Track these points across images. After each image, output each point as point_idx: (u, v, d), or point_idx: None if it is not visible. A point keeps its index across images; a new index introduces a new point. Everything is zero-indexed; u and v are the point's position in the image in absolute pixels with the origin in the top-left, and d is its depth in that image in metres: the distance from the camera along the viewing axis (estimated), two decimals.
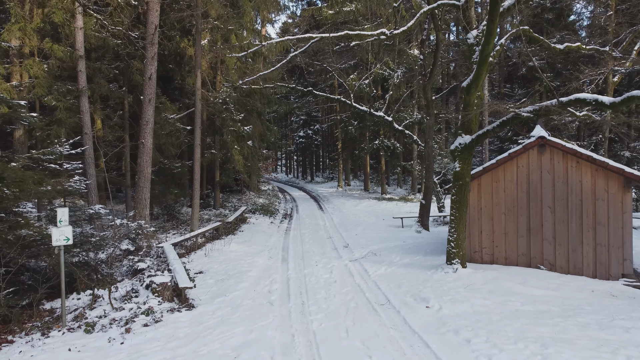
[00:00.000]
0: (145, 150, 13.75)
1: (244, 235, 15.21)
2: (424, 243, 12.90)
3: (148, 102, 13.76)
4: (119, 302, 7.78)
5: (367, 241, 13.50)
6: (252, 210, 20.49)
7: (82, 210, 9.39)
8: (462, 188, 9.22)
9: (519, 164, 9.86)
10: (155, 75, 13.94)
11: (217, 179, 19.94)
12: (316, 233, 15.54)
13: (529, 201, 9.75)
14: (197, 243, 13.34)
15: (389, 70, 23.39)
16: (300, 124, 42.64)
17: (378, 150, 24.80)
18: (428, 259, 10.71)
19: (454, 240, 9.28)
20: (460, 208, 9.25)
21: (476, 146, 9.15)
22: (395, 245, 12.73)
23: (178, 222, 17.33)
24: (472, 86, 8.54)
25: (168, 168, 16.15)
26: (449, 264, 9.36)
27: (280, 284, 8.88)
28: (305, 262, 10.89)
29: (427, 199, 14.64)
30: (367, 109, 17.09)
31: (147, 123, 13.77)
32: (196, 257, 11.78)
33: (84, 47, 13.09)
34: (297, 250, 12.54)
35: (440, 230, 15.66)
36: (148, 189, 13.90)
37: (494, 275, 8.95)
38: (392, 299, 7.69)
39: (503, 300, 7.55)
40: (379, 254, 11.55)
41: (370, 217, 19.28)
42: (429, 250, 11.87)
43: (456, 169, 9.27)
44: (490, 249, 10.09)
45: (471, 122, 9.14)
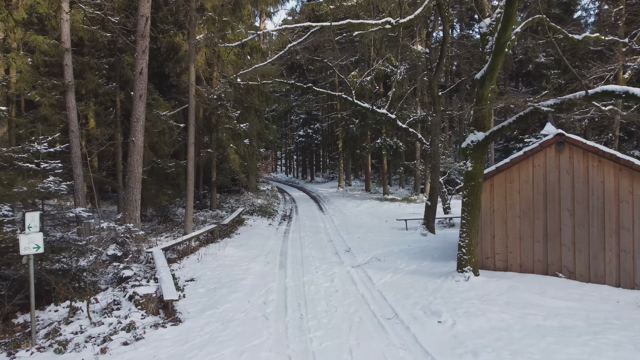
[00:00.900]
0: (135, 148, 13.03)
1: (241, 238, 14.48)
2: (431, 247, 12.18)
3: (139, 98, 13.05)
4: (98, 315, 7.06)
5: (370, 245, 12.77)
6: (249, 212, 19.77)
7: (61, 214, 8.68)
8: (475, 189, 8.50)
9: (535, 163, 9.13)
10: (147, 70, 13.22)
11: (213, 179, 19.22)
12: (316, 236, 14.81)
13: (546, 203, 9.02)
14: (190, 247, 12.62)
15: (391, 67, 22.65)
16: (300, 123, 41.91)
17: (380, 149, 24.08)
18: (436, 265, 9.98)
19: (465, 246, 8.56)
20: (472, 211, 8.53)
21: (489, 144, 8.42)
22: (400, 249, 12.00)
23: (172, 224, 16.62)
24: (487, 78, 7.81)
25: (161, 168, 15.44)
26: (460, 272, 8.63)
27: (276, 294, 8.16)
28: (304, 269, 10.16)
29: (433, 200, 13.92)
30: (369, 106, 16.35)
31: (138, 120, 13.06)
32: (188, 263, 11.06)
33: (70, 40, 12.37)
34: (296, 255, 11.82)
35: (447, 233, 14.92)
36: (139, 189, 13.18)
37: (509, 284, 8.23)
38: (399, 312, 6.96)
39: (522, 314, 6.83)
40: (383, 259, 10.82)
41: (373, 218, 18.55)
42: (436, 255, 11.14)
43: (468, 168, 8.55)
44: (504, 255, 9.37)
45: (484, 117, 8.41)
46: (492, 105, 8.31)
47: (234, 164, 15.57)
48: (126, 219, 12.99)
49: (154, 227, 16.46)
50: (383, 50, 22.70)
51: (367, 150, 24.55)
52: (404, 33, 22.35)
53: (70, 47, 12.30)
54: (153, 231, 15.71)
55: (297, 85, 16.68)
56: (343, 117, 26.39)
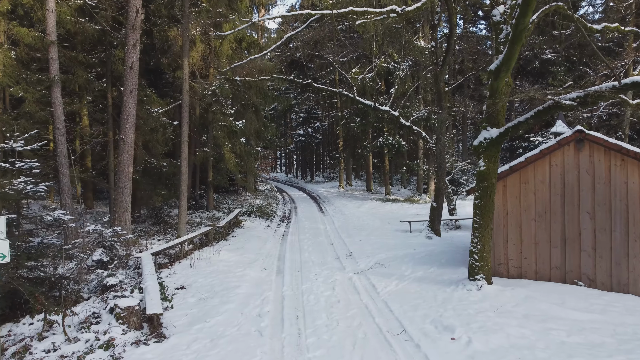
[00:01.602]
0: (125, 147, 12.38)
1: (237, 241, 13.82)
2: (437, 251, 11.52)
3: (129, 94, 12.39)
4: (75, 330, 6.41)
5: (373, 249, 12.11)
6: (247, 213, 19.11)
7: (37, 217, 8.02)
8: (488, 190, 7.83)
9: (552, 163, 8.47)
10: (138, 65, 12.57)
11: (209, 179, 18.55)
12: (316, 239, 14.15)
13: (564, 205, 8.36)
14: (183, 251, 11.95)
15: (393, 64, 21.98)
16: (300, 122, 41.24)
17: (382, 148, 23.41)
18: (445, 271, 9.32)
19: (477, 252, 7.90)
20: (485, 214, 7.86)
21: (504, 141, 7.76)
22: (404, 253, 11.34)
23: (166, 226, 15.96)
24: (502, 69, 7.14)
25: (154, 167, 14.78)
26: (471, 280, 7.97)
27: (273, 305, 7.50)
28: (303, 275, 9.50)
29: (439, 202, 13.26)
30: (371, 103, 15.71)
31: (128, 117, 12.40)
32: (180, 268, 10.40)
33: (56, 33, 11.69)
34: (295, 259, 11.16)
35: (453, 236, 14.26)
36: (129, 190, 12.53)
37: (526, 294, 7.57)
38: (408, 326, 6.30)
39: (544, 329, 6.17)
40: (387, 264, 10.16)
41: (375, 220, 17.88)
42: (443, 260, 10.48)
43: (480, 168, 7.89)
44: (518, 261, 8.70)
45: (498, 112, 7.75)
46: (506, 99, 7.65)
47: (230, 163, 14.90)
48: (116, 221, 12.34)
49: (147, 229, 15.81)
50: (385, 46, 22.05)
51: (369, 149, 23.88)
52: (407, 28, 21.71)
53: (56, 40, 11.62)
54: (146, 233, 15.06)
55: (296, 81, 16.03)
56: (344, 115, 25.74)
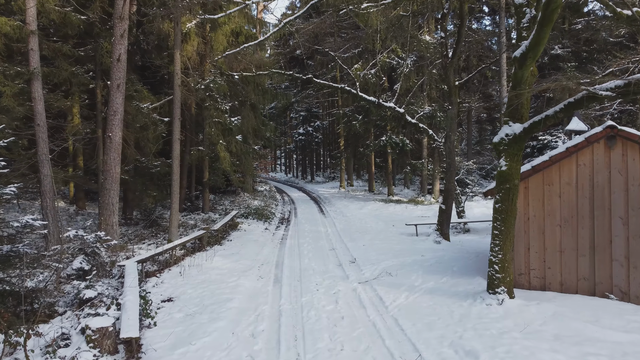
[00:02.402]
0: (112, 145, 11.56)
1: (232, 245, 12.98)
2: (448, 258, 10.67)
3: (116, 88, 11.56)
4: (40, 355, 5.56)
5: (378, 254, 11.27)
6: (244, 215, 18.26)
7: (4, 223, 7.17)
8: (510, 193, 6.98)
9: (579, 162, 7.62)
10: (126, 57, 11.74)
11: (205, 179, 17.71)
12: (317, 243, 13.31)
13: (593, 210, 7.51)
14: (174, 257, 11.11)
15: (397, 59, 21.14)
16: (300, 121, 40.36)
17: (385, 147, 22.56)
18: (459, 281, 8.47)
19: (499, 262, 7.05)
20: (506, 220, 7.01)
21: (528, 138, 6.91)
22: (412, 260, 10.49)
23: (158, 229, 15.11)
24: (529, 56, 6.30)
25: (145, 167, 13.93)
26: (491, 293, 7.12)
27: (268, 322, 6.65)
28: (303, 286, 8.66)
29: (448, 204, 12.41)
30: (375, 100, 14.86)
31: (116, 113, 11.58)
32: (169, 277, 9.55)
33: (37, 22, 10.85)
34: (294, 266, 10.32)
35: (462, 240, 13.41)
36: (116, 191, 11.70)
37: (553, 310, 6.72)
38: (424, 351, 5.46)
39: (581, 354, 5.33)
40: (395, 273, 9.31)
41: (378, 222, 17.04)
42: (456, 268, 9.63)
43: (501, 167, 7.04)
44: (541, 271, 7.86)
45: (522, 105, 6.91)
46: (533, 89, 6.82)
47: (224, 162, 14.04)
48: (102, 224, 11.53)
49: (138, 232, 14.97)
50: (389, 40, 21.19)
51: (371, 149, 23.03)
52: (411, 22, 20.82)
53: (36, 30, 10.78)
54: (137, 237, 14.22)
55: (295, 76, 15.17)
56: (345, 113, 24.90)
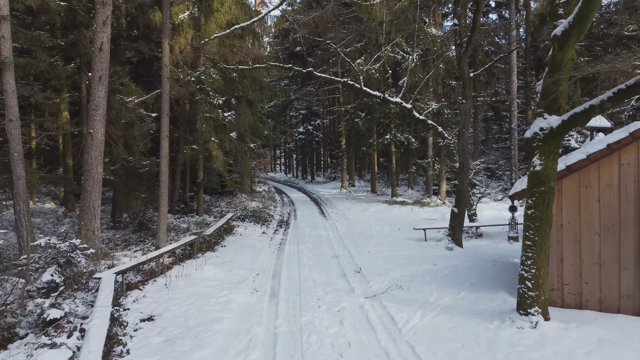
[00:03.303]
0: (94, 143, 10.55)
1: (226, 252, 11.96)
2: (463, 267, 9.64)
3: (98, 81, 10.55)
4: None
5: (385, 263, 10.25)
6: (241, 217, 17.24)
7: None
8: (545, 197, 5.96)
9: (622, 161, 6.59)
10: (108, 46, 10.73)
11: (199, 179, 16.70)
12: (318, 249, 12.29)
13: (639, 216, 6.49)
14: (160, 265, 10.09)
15: (402, 53, 20.11)
16: (299, 119, 39.31)
17: (389, 146, 21.54)
18: (480, 297, 7.45)
19: (532, 277, 6.03)
20: (541, 228, 5.99)
21: (567, 132, 5.89)
22: (424, 270, 9.47)
23: (147, 234, 14.09)
24: (572, 34, 5.28)
25: (133, 167, 12.91)
26: (523, 314, 6.10)
27: (262, 350, 5.63)
28: (302, 301, 7.64)
29: (461, 207, 11.39)
30: (380, 94, 13.85)
31: (97, 108, 10.57)
32: (153, 289, 8.54)
33: (8, 6, 9.83)
34: (293, 277, 9.30)
35: (475, 246, 12.39)
36: (98, 194, 10.68)
37: (598, 335, 5.70)
38: None
39: None
40: (406, 285, 8.29)
41: (383, 226, 16.01)
42: (474, 279, 8.61)
43: (535, 167, 6.02)
44: (576, 287, 6.83)
45: (560, 94, 5.89)
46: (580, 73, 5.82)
47: (217, 161, 13.00)
48: (82, 230, 10.51)
49: (126, 237, 13.95)
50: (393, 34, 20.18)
51: (375, 147, 22.01)
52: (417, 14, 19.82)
53: (8, 15, 9.76)
54: (124, 242, 13.20)
55: (294, 69, 14.14)
56: (347, 110, 23.87)
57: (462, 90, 10.76)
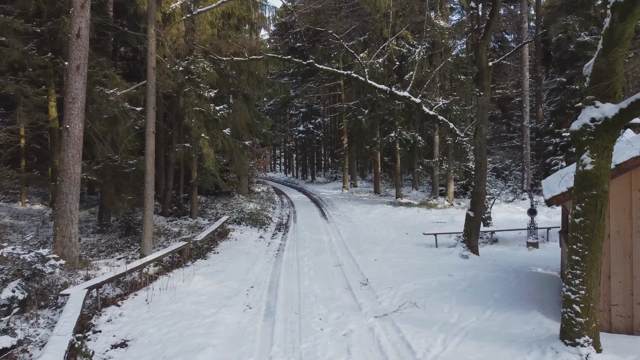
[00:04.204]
0: (70, 139, 9.51)
1: (219, 259, 10.92)
2: (483, 279, 8.58)
3: (75, 70, 9.51)
4: None
5: (395, 273, 9.19)
6: (237, 220, 16.19)
7: None
8: (597, 203, 4.91)
9: None
10: (88, 32, 9.71)
11: (192, 179, 15.65)
12: (319, 256, 11.23)
13: None
14: (144, 276, 9.03)
15: (408, 46, 19.04)
16: (300, 118, 38.23)
17: (393, 144, 20.48)
18: (510, 318, 6.38)
19: (581, 300, 4.97)
20: (592, 240, 4.93)
21: (625, 124, 4.84)
22: (439, 282, 8.41)
23: (135, 239, 13.03)
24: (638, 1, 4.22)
25: (119, 166, 11.87)
26: (569, 344, 5.04)
27: None
28: (302, 322, 6.59)
29: (477, 210, 10.32)
30: (387, 88, 12.82)
31: (74, 100, 9.52)
32: (132, 306, 7.49)
33: None
34: (292, 291, 8.25)
35: (492, 253, 11.32)
36: (76, 196, 9.65)
37: None
38: None
39: None
40: (421, 302, 7.23)
41: (389, 230, 14.95)
42: (497, 294, 7.54)
43: (584, 166, 4.97)
44: (627, 308, 5.77)
45: (617, 78, 4.82)
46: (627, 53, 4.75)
47: (208, 160, 11.93)
48: (57, 237, 9.46)
49: (111, 242, 12.90)
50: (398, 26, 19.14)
51: (379, 146, 20.94)
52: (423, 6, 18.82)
53: None
54: (108, 248, 12.16)
55: (295, 61, 13.10)
56: (349, 107, 22.81)
57: (479, 82, 9.71)
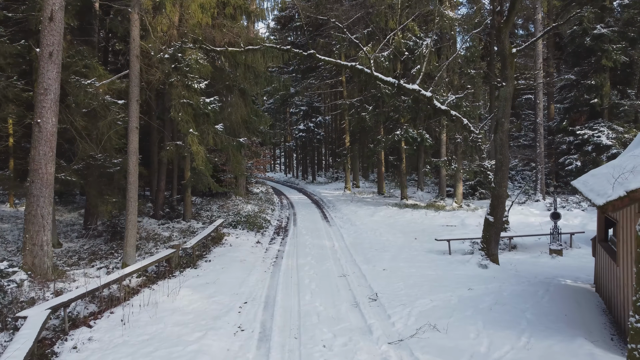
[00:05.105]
0: (42, 135, 8.49)
1: (210, 269, 9.87)
2: (508, 293, 7.53)
3: (48, 58, 8.48)
4: None
5: (407, 286, 8.15)
6: (233, 223, 15.15)
7: None
8: None
9: None
10: (62, 15, 8.67)
11: (184, 180, 14.61)
12: (321, 265, 10.19)
13: None
14: (124, 289, 8.00)
15: (415, 38, 17.99)
16: (300, 116, 37.16)
17: (399, 142, 19.42)
18: (551, 346, 5.32)
19: None
20: None
21: None
22: (459, 298, 7.36)
23: (121, 244, 11.95)
24: None
25: (101, 165, 10.83)
26: None
27: None
28: (303, 350, 5.55)
29: (498, 215, 9.26)
30: (394, 81, 11.79)
31: (47, 92, 8.50)
32: (105, 327, 6.45)
33: None
34: (291, 308, 7.20)
35: (513, 261, 10.26)
36: (49, 199, 8.61)
37: None
38: None
39: None
40: (442, 324, 6.17)
41: (396, 234, 13.90)
42: (530, 313, 6.49)
43: None
44: None
45: None
46: None
47: (197, 159, 10.87)
48: (26, 245, 8.42)
49: (95, 249, 11.87)
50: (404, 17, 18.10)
51: (383, 144, 19.87)
52: None
53: None
54: (91, 255, 11.13)
55: (294, 52, 12.06)
56: (352, 104, 21.74)
57: (502, 70, 8.68)
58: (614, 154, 18.03)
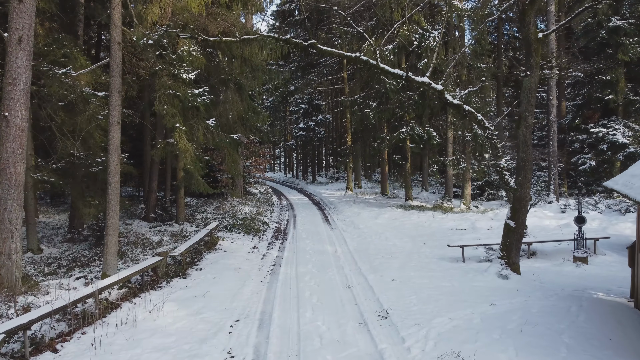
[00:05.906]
0: (10, 130, 7.59)
1: (201, 278, 8.95)
2: (537, 310, 6.60)
3: (17, 44, 7.58)
4: None
5: (421, 301, 7.22)
6: (228, 227, 14.22)
7: None
8: None
9: None
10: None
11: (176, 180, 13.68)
12: (323, 274, 9.26)
13: None
14: (101, 304, 7.07)
15: (421, 30, 17.06)
16: (300, 115, 36.19)
17: (404, 141, 18.49)
18: None
19: None
20: None
21: None
22: (482, 316, 6.42)
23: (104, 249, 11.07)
24: None
25: (83, 164, 9.91)
26: None
27: None
28: None
29: (520, 220, 8.31)
30: (402, 73, 10.83)
31: (16, 81, 7.60)
32: (73, 351, 5.55)
33: None
34: (289, 327, 6.27)
35: (534, 270, 9.32)
36: (18, 202, 7.70)
37: None
38: None
39: None
40: (466, 350, 5.24)
41: (403, 238, 12.98)
42: (567, 336, 5.56)
43: None
44: None
45: None
46: None
47: (186, 156, 9.93)
48: None
49: (77, 255, 10.95)
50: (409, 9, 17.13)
51: (387, 143, 18.94)
52: None
53: None
54: (71, 262, 10.21)
55: (293, 41, 11.13)
56: (355, 100, 20.81)
57: (526, 58, 7.76)
58: (632, 152, 17.11)
